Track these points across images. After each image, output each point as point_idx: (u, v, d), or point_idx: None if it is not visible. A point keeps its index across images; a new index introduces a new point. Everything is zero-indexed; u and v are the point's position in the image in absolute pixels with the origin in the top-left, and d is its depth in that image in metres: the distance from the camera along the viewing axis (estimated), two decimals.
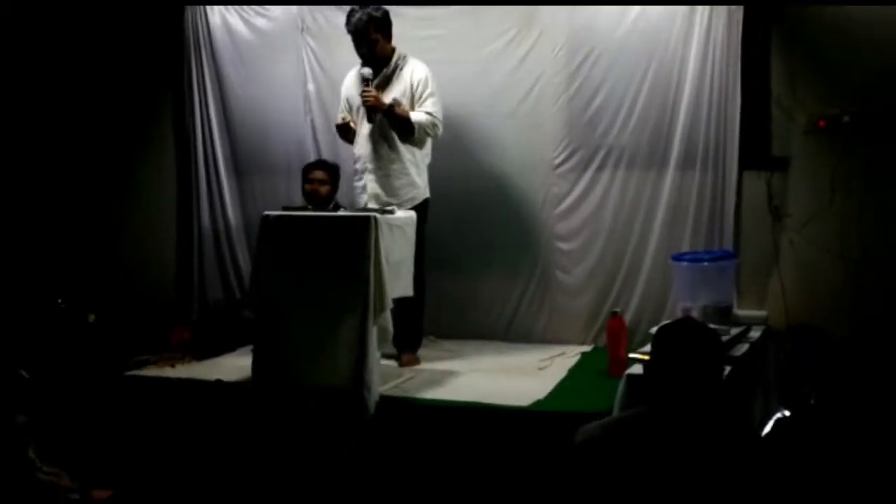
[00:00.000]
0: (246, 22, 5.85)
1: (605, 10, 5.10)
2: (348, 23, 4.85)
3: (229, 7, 5.85)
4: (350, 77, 5.04)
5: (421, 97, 4.83)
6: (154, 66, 6.07)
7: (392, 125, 4.84)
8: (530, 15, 5.25)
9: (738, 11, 4.80)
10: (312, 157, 5.61)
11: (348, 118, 4.95)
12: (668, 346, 2.60)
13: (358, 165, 4.99)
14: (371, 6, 4.86)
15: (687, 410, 2.52)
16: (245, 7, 5.82)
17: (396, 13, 4.99)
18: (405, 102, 4.83)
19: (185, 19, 5.92)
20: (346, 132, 4.98)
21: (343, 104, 5.07)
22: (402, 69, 4.89)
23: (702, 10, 4.89)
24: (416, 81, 4.84)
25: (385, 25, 4.86)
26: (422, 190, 4.96)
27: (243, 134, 5.93)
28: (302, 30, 5.70)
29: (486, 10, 5.32)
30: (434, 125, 4.85)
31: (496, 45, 5.32)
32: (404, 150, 4.88)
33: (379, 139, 4.87)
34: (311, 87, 5.70)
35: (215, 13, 5.88)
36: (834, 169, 4.70)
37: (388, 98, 4.80)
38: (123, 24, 6.00)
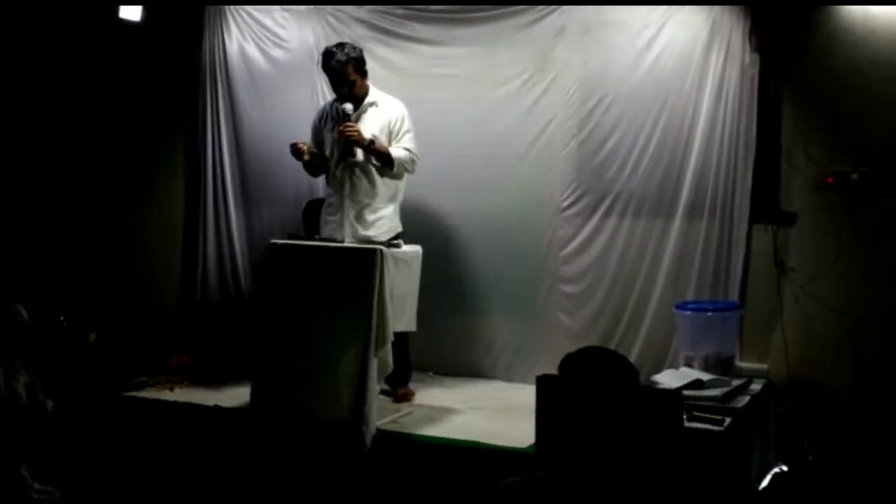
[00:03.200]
0: (263, 52, 5.90)
1: (620, 56, 5.13)
2: (326, 64, 4.88)
3: (247, 36, 5.90)
4: (321, 113, 5.07)
5: (399, 133, 4.89)
6: (170, 90, 6.12)
7: (373, 160, 4.86)
8: (545, 58, 5.28)
9: (752, 67, 4.83)
10: (321, 190, 5.62)
11: (305, 145, 4.88)
12: (577, 373, 2.23)
13: (333, 199, 4.98)
14: (348, 46, 4.91)
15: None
16: (263, 36, 5.88)
17: (414, 51, 5.01)
18: (383, 138, 4.87)
19: (203, 46, 5.98)
20: (302, 158, 4.89)
21: (311, 140, 5.04)
22: (377, 106, 4.94)
23: (715, 63, 4.91)
24: (395, 119, 4.90)
25: (362, 65, 4.92)
26: (395, 223, 4.98)
27: (253, 162, 5.96)
28: (318, 61, 5.73)
29: (502, 51, 5.36)
30: (412, 161, 4.91)
31: (510, 87, 5.36)
32: (381, 184, 4.91)
33: (357, 173, 4.89)
34: None
35: (233, 41, 5.93)
36: (840, 226, 4.71)
37: (366, 133, 4.82)
38: (143, 49, 6.06)
